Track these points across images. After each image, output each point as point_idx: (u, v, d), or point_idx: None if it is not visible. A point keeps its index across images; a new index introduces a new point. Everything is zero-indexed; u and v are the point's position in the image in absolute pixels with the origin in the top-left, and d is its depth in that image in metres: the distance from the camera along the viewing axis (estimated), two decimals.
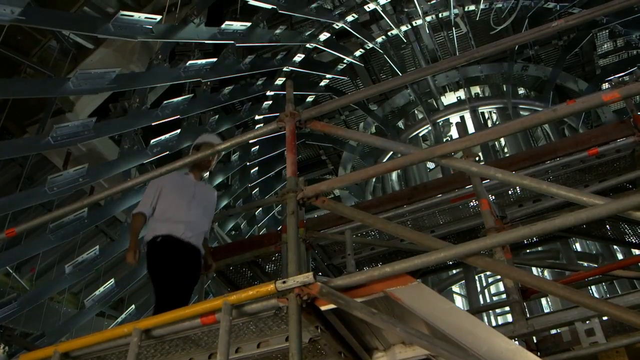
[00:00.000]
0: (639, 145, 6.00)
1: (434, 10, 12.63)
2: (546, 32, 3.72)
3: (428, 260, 3.01)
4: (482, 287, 15.01)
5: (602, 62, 14.50)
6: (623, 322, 2.70)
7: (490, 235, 3.19)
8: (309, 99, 13.63)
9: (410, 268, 3.04)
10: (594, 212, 2.86)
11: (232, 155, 13.21)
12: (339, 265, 7.19)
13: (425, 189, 6.81)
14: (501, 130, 3.28)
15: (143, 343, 3.63)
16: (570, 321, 3.88)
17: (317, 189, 3.56)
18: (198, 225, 5.69)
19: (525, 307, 4.16)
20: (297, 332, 3.04)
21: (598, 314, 3.31)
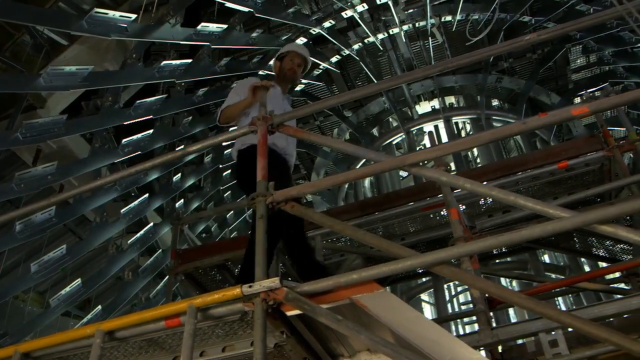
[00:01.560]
0: (607, 160, 6.10)
1: (411, 20, 12.70)
2: (519, 45, 3.76)
3: (395, 268, 3.01)
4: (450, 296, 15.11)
5: (574, 76, 14.74)
6: (585, 334, 2.72)
7: (458, 245, 3.21)
8: None
9: (377, 275, 3.04)
10: (560, 225, 2.89)
11: (205, 157, 13.14)
12: None
13: (397, 197, 6.85)
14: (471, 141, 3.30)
15: (106, 345, 3.58)
16: (535, 332, 3.91)
17: (287, 193, 3.55)
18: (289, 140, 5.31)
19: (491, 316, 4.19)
20: (262, 337, 3.02)
21: (561, 325, 3.33)
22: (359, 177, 3.45)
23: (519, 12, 12.16)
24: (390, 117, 15.07)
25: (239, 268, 7.15)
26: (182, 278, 7.15)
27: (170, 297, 6.95)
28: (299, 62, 5.68)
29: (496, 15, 12.16)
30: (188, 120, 11.88)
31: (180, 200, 12.71)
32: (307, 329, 3.49)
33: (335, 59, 13.18)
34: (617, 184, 5.90)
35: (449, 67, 3.86)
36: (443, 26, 12.95)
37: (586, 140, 6.58)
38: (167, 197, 12.09)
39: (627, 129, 6.25)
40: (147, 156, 10.28)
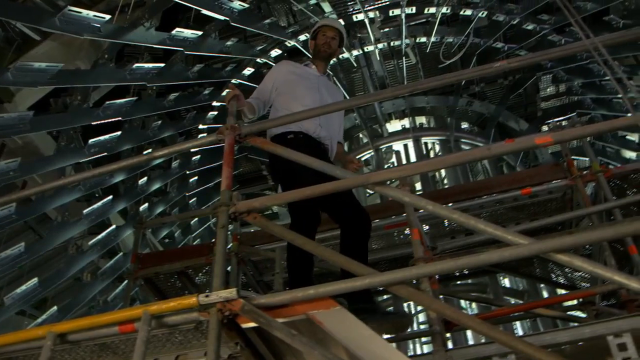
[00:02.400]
0: (570, 189, 6.18)
1: (386, 39, 12.80)
2: (488, 71, 3.80)
3: (353, 286, 3.01)
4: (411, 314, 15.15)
5: (544, 104, 14.99)
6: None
7: (417, 266, 3.23)
8: None
9: (334, 292, 3.04)
10: (517, 251, 2.92)
11: (172, 162, 13.07)
12: (269, 282, 7.15)
13: None
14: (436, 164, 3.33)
15: (57, 347, 3.52)
16: (489, 355, 3.92)
17: (250, 205, 3.53)
18: (330, 124, 5.10)
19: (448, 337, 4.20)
20: (216, 347, 2.99)
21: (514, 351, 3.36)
22: (324, 192, 3.45)
23: (493, 38, 12.33)
24: (360, 133, 15.15)
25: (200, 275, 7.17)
26: (142, 283, 7.07)
27: (128, 302, 6.86)
28: (332, 35, 5.42)
29: (470, 40, 12.32)
30: (157, 124, 11.82)
31: (145, 204, 12.61)
32: (262, 341, 3.47)
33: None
34: (578, 214, 5.99)
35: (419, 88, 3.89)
36: (417, 47, 13.08)
37: (550, 168, 6.67)
38: (131, 200, 11.99)
39: (591, 160, 6.35)
40: (114, 158, 10.22)
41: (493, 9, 11.77)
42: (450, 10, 11.87)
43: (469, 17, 11.96)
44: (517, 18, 11.71)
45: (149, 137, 11.57)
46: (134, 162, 4.94)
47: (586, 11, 10.74)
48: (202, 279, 7.23)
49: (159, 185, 12.81)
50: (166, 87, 11.72)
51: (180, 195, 13.61)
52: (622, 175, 6.21)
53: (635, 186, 6.34)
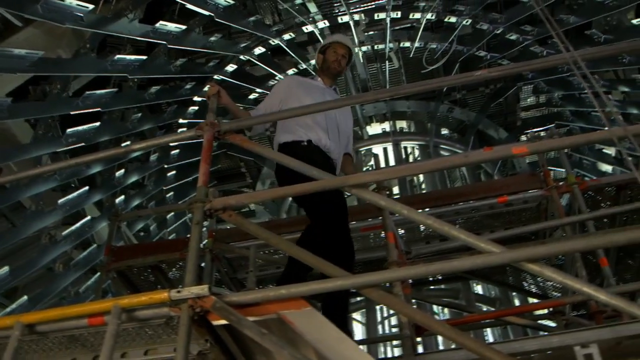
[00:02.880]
0: (545, 199, 6.25)
1: (370, 42, 12.82)
2: (469, 79, 3.83)
3: (325, 287, 3.02)
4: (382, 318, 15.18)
5: (523, 114, 15.11)
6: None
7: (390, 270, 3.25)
8: None
9: (306, 292, 3.05)
10: (489, 259, 2.95)
11: (151, 155, 12.99)
12: (243, 280, 7.15)
13: None
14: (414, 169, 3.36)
15: (25, 338, 3.49)
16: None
17: (226, 202, 3.53)
18: (337, 137, 5.08)
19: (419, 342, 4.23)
20: (185, 343, 2.99)
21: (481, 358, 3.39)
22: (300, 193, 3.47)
23: (476, 46, 12.39)
24: None
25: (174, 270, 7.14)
26: (114, 276, 7.04)
27: (100, 294, 6.82)
28: (343, 53, 5.41)
29: (453, 47, 12.37)
30: (137, 117, 11.75)
31: (121, 196, 12.53)
32: (232, 339, 3.46)
33: (292, 72, 13.19)
34: (552, 224, 6.05)
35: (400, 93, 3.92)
36: (401, 51, 13.11)
37: (527, 178, 6.74)
38: (107, 191, 11.91)
39: (567, 171, 6.42)
40: (92, 148, 10.14)
41: (477, 18, 11.83)
42: (435, 16, 11.91)
43: (453, 25, 12.01)
44: (500, 28, 11.78)
45: (128, 129, 11.49)
46: (111, 154, 4.93)
47: (569, 24, 10.83)
48: (175, 274, 7.21)
49: (136, 178, 12.72)
50: (147, 80, 11.64)
51: (157, 189, 13.52)
52: (596, 187, 6.29)
53: (609, 199, 6.42)
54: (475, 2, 11.53)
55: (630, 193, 6.21)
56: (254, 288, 5.49)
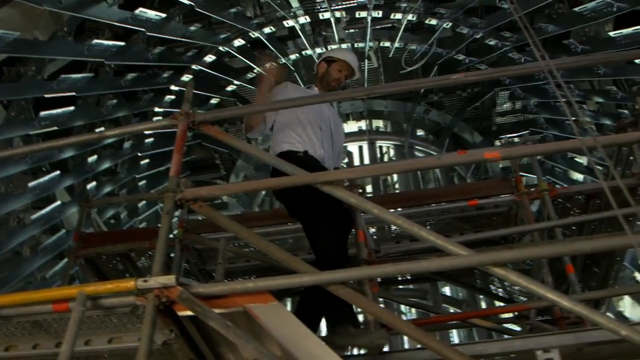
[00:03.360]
0: (515, 205, 6.31)
1: (350, 39, 12.81)
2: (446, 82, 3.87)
3: (292, 282, 3.03)
4: None
5: (499, 119, 15.22)
6: None
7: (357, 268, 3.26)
8: (213, 100, 13.47)
9: (273, 287, 3.06)
10: (456, 262, 2.98)
11: (124, 142, 12.89)
12: (211, 272, 7.12)
13: None
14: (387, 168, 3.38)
15: None
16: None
17: (197, 193, 3.52)
18: (330, 148, 5.01)
19: None
20: (150, 333, 2.98)
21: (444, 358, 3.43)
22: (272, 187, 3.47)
23: (455, 49, 12.46)
24: None
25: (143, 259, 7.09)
26: (82, 262, 6.98)
27: (67, 281, 6.76)
28: (347, 75, 5.37)
29: (433, 49, 12.42)
30: (112, 103, 11.65)
31: (93, 182, 12.42)
32: (197, 331, 3.46)
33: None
34: (521, 229, 6.12)
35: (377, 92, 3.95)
36: (381, 51, 13.12)
37: (499, 182, 6.81)
38: (79, 177, 11.80)
39: (538, 178, 6.49)
40: (65, 133, 10.04)
41: (458, 21, 11.89)
42: (416, 18, 11.95)
43: (433, 27, 12.05)
44: (480, 32, 11.86)
45: (102, 115, 11.39)
46: (84, 139, 4.90)
47: (547, 33, 10.93)
48: (144, 263, 7.17)
49: (109, 165, 12.62)
50: (124, 67, 11.55)
51: (130, 176, 13.42)
52: (566, 195, 6.37)
53: (578, 207, 6.50)
54: (456, 5, 11.59)
55: (599, 202, 6.30)
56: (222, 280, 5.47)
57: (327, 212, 4.32)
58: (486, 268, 2.95)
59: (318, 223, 4.45)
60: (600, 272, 7.00)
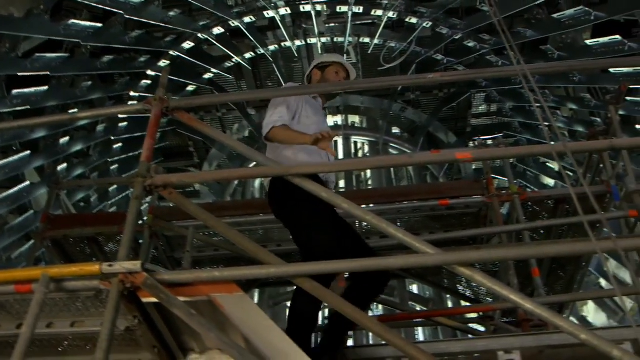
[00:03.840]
0: (485, 206, 6.37)
1: (330, 33, 12.83)
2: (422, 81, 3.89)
3: (258, 273, 3.03)
4: None
5: (474, 121, 15.35)
6: None
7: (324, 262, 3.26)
8: (189, 88, 13.38)
9: (238, 277, 3.05)
10: (422, 260, 3.00)
11: (98, 125, 12.77)
12: (180, 259, 7.09)
13: None
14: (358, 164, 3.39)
15: None
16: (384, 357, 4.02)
17: (167, 179, 3.50)
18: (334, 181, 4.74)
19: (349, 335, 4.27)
20: (112, 318, 2.96)
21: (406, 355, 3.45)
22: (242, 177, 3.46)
23: (434, 49, 12.51)
24: None
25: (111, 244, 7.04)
26: (49, 244, 6.92)
27: (32, 262, 6.71)
28: (344, 77, 5.00)
29: (412, 48, 12.46)
30: (87, 85, 11.53)
31: (64, 164, 12.28)
32: (161, 318, 3.44)
33: (250, 56, 13.13)
34: (490, 231, 6.19)
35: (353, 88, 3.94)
36: (360, 46, 13.15)
37: (470, 184, 6.88)
38: (50, 158, 11.67)
39: (509, 181, 6.56)
40: (37, 112, 9.91)
41: (438, 22, 11.94)
42: (397, 15, 11.99)
43: (413, 26, 12.09)
44: (459, 34, 11.92)
45: (76, 96, 11.28)
46: (56, 120, 4.84)
47: (525, 38, 11.03)
48: (112, 248, 7.15)
49: (81, 147, 12.49)
50: (101, 49, 11.44)
51: (102, 160, 13.30)
52: (536, 199, 6.45)
53: (547, 211, 6.59)
54: (437, 5, 11.64)
55: (567, 208, 6.38)
56: (189, 268, 5.46)
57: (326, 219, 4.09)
58: (452, 267, 2.97)
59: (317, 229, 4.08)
60: (565, 277, 7.11)
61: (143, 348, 3.71)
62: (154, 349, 3.66)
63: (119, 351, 3.74)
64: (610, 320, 13.08)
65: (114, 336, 3.06)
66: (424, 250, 3.02)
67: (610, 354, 2.75)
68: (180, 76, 12.69)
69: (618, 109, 5.58)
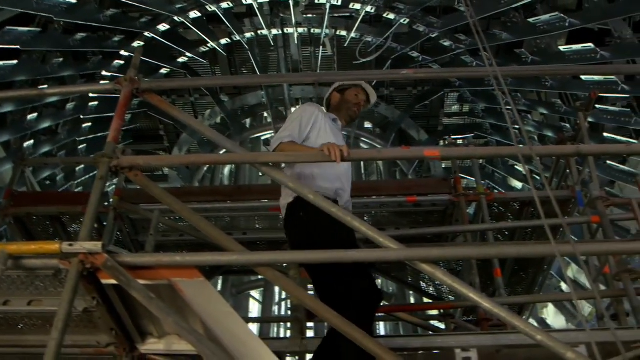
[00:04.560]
0: (452, 205, 6.43)
1: (307, 24, 12.78)
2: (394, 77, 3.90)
3: (219, 260, 3.02)
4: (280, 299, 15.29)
5: (446, 120, 15.47)
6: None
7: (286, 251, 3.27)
8: (163, 70, 13.24)
9: (200, 262, 3.04)
10: (385, 255, 3.02)
11: (68, 103, 12.58)
12: (144, 243, 7.04)
13: (249, 191, 6.89)
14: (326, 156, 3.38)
15: None
16: None
17: (133, 161, 3.47)
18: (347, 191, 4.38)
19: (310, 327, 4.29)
20: (70, 298, 2.93)
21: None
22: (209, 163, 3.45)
23: (410, 46, 12.53)
24: (265, 113, 15.14)
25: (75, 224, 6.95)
26: (12, 222, 6.83)
27: None
28: (364, 99, 4.80)
29: (388, 43, 12.48)
30: (59, 62, 11.34)
31: (31, 140, 12.07)
32: (120, 301, 3.42)
33: (225, 42, 13.04)
34: (455, 229, 6.25)
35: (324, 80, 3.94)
36: (337, 39, 13.13)
37: (438, 182, 6.94)
38: (17, 133, 11.48)
39: (477, 181, 6.64)
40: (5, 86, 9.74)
41: (415, 19, 11.94)
42: (375, 10, 11.96)
43: (391, 21, 12.07)
44: (436, 32, 11.93)
45: (47, 72, 11.08)
46: (24, 94, 4.78)
47: (501, 40, 11.10)
48: (76, 228, 7.06)
49: (49, 124, 12.29)
50: (75, 25, 11.26)
51: (70, 138, 13.10)
52: (502, 201, 6.52)
53: (513, 213, 6.67)
54: (415, 2, 11.64)
55: (532, 210, 6.46)
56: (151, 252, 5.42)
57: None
58: (414, 264, 2.99)
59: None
60: (527, 279, 7.21)
61: (101, 330, 3.69)
62: (111, 332, 3.65)
63: (77, 332, 3.71)
64: (569, 324, 13.29)
65: (71, 317, 3.04)
66: (387, 245, 3.03)
67: (564, 355, 2.80)
68: (154, 58, 12.55)
69: (587, 116, 5.65)
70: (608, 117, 10.39)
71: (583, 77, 10.31)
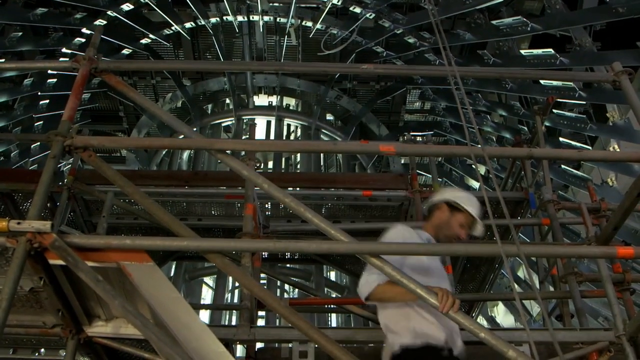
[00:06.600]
0: (407, 201, 6.49)
1: (274, 13, 12.76)
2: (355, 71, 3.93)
3: (170, 245, 3.01)
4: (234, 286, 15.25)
5: (407, 116, 15.62)
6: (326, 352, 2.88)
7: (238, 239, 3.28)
8: (125, 51, 13.05)
9: (150, 247, 3.03)
10: (335, 247, 3.05)
11: (25, 79, 12.34)
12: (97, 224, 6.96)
13: (205, 178, 6.85)
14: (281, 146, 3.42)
15: None
16: (290, 339, 4.07)
17: (87, 141, 3.43)
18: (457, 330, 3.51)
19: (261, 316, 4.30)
20: (16, 277, 2.89)
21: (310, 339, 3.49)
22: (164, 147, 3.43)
23: (374, 41, 12.58)
24: (227, 99, 15.06)
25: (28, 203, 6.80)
26: None
27: None
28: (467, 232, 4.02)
29: (353, 37, 12.53)
30: (17, 36, 11.11)
31: None
32: (68, 282, 3.38)
33: (190, 26, 12.93)
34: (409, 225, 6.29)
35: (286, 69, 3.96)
36: (302, 29, 13.14)
37: (394, 177, 6.99)
38: None
39: (433, 178, 6.72)
40: None
41: (381, 14, 12.01)
42: (341, 3, 12.00)
43: (356, 15, 12.12)
44: (401, 29, 12.00)
45: (5, 46, 10.86)
46: None
47: (464, 40, 11.23)
48: (28, 206, 6.91)
49: (5, 99, 12.05)
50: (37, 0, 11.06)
51: (26, 115, 12.85)
52: None
53: None
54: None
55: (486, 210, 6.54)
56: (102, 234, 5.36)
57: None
58: (364, 257, 3.03)
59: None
60: (478, 277, 7.31)
61: (47, 311, 3.66)
62: (58, 313, 3.62)
63: (22, 312, 3.68)
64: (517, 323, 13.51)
65: (17, 296, 3.00)
66: (338, 238, 3.06)
67: (506, 353, 2.87)
68: (117, 38, 12.39)
69: (544, 119, 5.77)
70: (564, 122, 10.60)
71: (542, 81, 10.48)
